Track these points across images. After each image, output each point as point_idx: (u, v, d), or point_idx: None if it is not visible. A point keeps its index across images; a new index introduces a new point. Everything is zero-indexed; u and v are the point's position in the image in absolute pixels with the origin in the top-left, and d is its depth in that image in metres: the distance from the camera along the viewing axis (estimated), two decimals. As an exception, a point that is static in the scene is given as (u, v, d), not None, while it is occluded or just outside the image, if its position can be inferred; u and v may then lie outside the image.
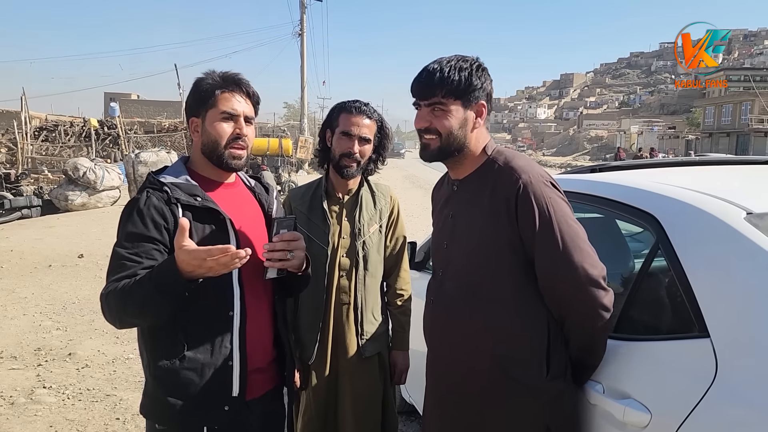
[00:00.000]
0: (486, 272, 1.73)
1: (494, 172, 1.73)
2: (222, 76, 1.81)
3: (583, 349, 1.71)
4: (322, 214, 2.44)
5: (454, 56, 1.77)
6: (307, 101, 34.54)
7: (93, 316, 6.30)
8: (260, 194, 1.98)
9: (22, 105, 23.45)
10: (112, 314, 1.67)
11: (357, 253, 2.44)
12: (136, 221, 1.69)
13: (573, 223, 1.65)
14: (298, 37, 32.66)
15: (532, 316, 1.69)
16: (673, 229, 1.70)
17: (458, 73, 1.71)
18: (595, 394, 1.69)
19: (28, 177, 17.82)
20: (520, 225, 1.65)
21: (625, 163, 2.60)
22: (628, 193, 1.95)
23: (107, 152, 26.32)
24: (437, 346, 1.90)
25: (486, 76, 1.77)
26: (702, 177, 2.33)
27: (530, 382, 1.67)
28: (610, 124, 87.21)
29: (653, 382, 1.56)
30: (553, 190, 1.68)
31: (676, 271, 1.62)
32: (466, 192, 1.81)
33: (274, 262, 1.73)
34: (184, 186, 1.76)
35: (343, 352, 2.45)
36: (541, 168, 1.74)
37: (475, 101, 1.74)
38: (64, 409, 4.19)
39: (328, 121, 2.49)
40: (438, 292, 1.89)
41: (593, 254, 1.64)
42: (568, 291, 1.63)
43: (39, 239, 10.87)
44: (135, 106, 45.90)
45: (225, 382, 1.74)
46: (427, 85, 1.75)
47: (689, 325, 1.54)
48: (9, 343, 5.61)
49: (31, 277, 8.15)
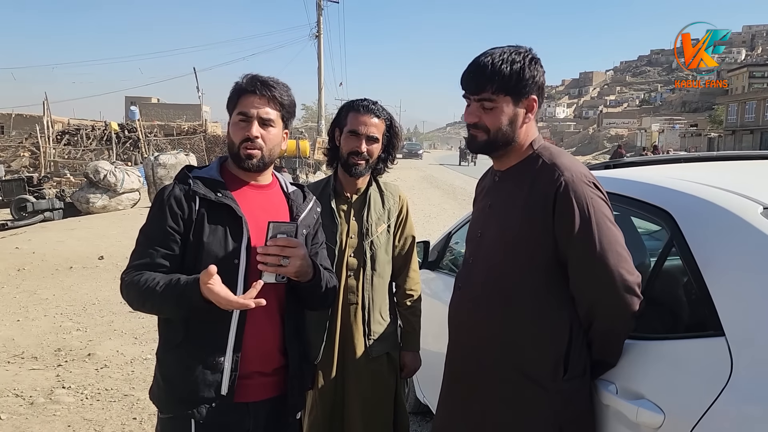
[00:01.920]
0: (513, 267, 1.70)
1: (537, 167, 1.70)
2: (248, 78, 1.86)
3: (604, 352, 1.68)
4: (330, 213, 2.42)
5: (507, 48, 1.71)
6: (324, 103, 34.71)
7: (112, 317, 6.37)
8: (294, 201, 1.98)
9: (45, 110, 23.82)
10: (131, 302, 1.78)
11: (365, 253, 2.43)
12: (159, 209, 1.80)
13: (612, 225, 1.61)
14: (315, 39, 32.79)
15: (554, 316, 1.66)
16: (687, 225, 1.66)
17: (510, 66, 1.66)
18: (608, 394, 1.66)
19: (51, 180, 18.11)
20: (557, 223, 1.61)
21: (640, 159, 2.55)
22: (642, 189, 1.91)
23: (128, 155, 26.69)
24: (458, 332, 1.89)
25: (538, 68, 1.71)
26: (717, 172, 2.27)
27: (545, 381, 1.64)
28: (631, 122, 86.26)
29: (667, 382, 1.53)
30: (594, 190, 1.63)
31: (691, 268, 1.58)
32: (506, 184, 1.79)
33: (267, 267, 1.73)
34: (207, 181, 1.83)
35: (351, 352, 2.44)
36: (584, 167, 1.70)
37: (525, 96, 1.70)
38: (83, 409, 4.23)
39: (337, 120, 2.48)
40: (466, 280, 1.88)
41: (630, 260, 1.59)
42: (600, 295, 1.60)
43: (60, 241, 11.02)
44: (155, 109, 46.44)
45: (215, 379, 1.76)
46: (477, 78, 1.71)
47: (704, 324, 1.51)
48: (30, 343, 5.69)
49: (53, 279, 8.27)
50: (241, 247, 1.78)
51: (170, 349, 1.81)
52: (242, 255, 1.78)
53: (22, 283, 8.08)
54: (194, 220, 1.78)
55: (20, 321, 6.41)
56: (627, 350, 1.68)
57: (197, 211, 1.78)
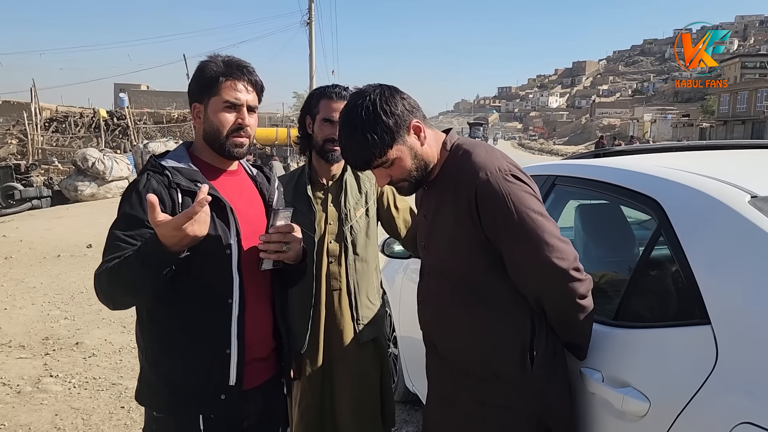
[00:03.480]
0: (461, 272, 1.71)
1: (455, 168, 1.69)
2: (226, 62, 1.78)
3: (568, 333, 1.68)
4: (307, 201, 2.42)
5: (355, 110, 1.63)
6: (316, 91, 34.43)
7: (101, 306, 6.22)
8: (261, 183, 1.96)
9: (32, 96, 23.55)
10: (105, 294, 1.64)
11: (345, 238, 2.43)
12: (134, 203, 1.67)
13: (537, 216, 1.58)
14: (307, 26, 32.48)
15: (511, 312, 1.66)
16: (675, 214, 1.65)
17: (373, 126, 1.60)
18: (594, 382, 1.66)
19: (39, 168, 17.93)
20: (483, 223, 1.61)
21: (630, 148, 2.54)
22: (630, 178, 1.90)
23: (117, 143, 26.46)
24: (429, 346, 1.89)
25: (393, 101, 1.64)
26: (706, 161, 2.27)
27: (513, 377, 1.65)
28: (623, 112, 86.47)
29: (652, 370, 1.52)
30: (514, 183, 1.60)
31: (678, 256, 1.57)
32: (433, 192, 1.78)
33: (270, 254, 1.72)
34: (185, 171, 1.74)
35: (338, 339, 2.43)
36: (502, 160, 1.66)
37: (405, 129, 1.65)
38: (70, 398, 4.21)
39: (307, 107, 2.45)
40: (424, 293, 1.89)
41: (563, 246, 1.57)
42: (539, 286, 1.61)
43: (48, 229, 10.95)
44: (144, 96, 46.04)
45: (222, 371, 1.72)
46: (360, 157, 1.66)
47: (690, 312, 1.50)
48: (18, 332, 5.65)
49: (40, 267, 8.22)
50: (231, 236, 1.75)
51: (169, 353, 1.72)
52: (233, 244, 1.75)
53: (9, 271, 8.03)
54: (178, 213, 1.68)
55: (7, 309, 6.36)
56: (613, 338, 1.68)
57: (180, 204, 1.69)
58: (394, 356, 3.95)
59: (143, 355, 1.78)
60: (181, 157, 1.79)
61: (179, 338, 1.71)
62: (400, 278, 3.72)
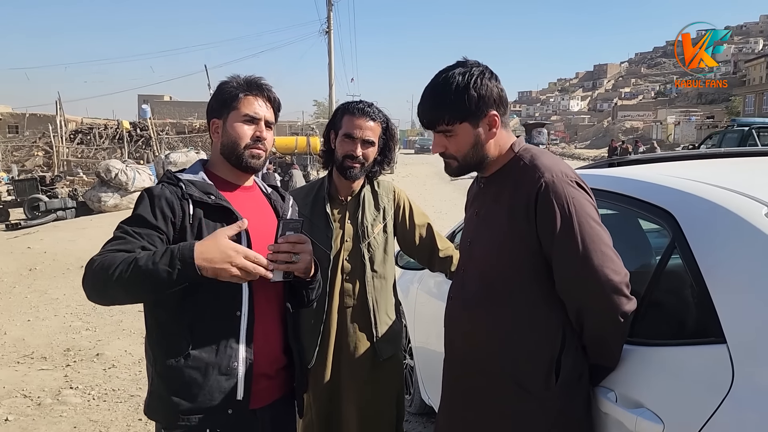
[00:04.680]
0: (503, 273, 1.67)
1: (519, 170, 1.67)
2: (246, 80, 1.84)
3: (600, 355, 1.64)
4: (325, 217, 2.40)
5: (451, 72, 1.67)
6: (336, 99, 34.61)
7: (121, 317, 6.39)
8: (275, 201, 1.99)
9: (58, 109, 24.02)
10: (97, 282, 1.58)
11: (363, 256, 2.41)
12: (146, 207, 1.70)
13: (596, 225, 1.56)
14: (326, 35, 32.70)
15: (544, 322, 1.62)
16: (689, 227, 1.60)
17: (457, 94, 1.64)
18: (607, 402, 1.61)
19: (64, 179, 18.25)
20: (539, 225, 1.58)
21: (646, 157, 2.49)
22: (643, 188, 1.85)
23: (140, 153, 26.84)
24: (453, 341, 1.86)
25: (489, 83, 1.66)
26: (723, 170, 2.20)
27: (536, 390, 1.60)
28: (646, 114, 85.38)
29: (667, 391, 1.47)
30: (577, 190, 1.59)
31: (692, 271, 1.53)
32: (491, 189, 1.76)
33: (278, 264, 1.70)
34: (199, 184, 1.77)
35: (349, 356, 2.41)
36: (567, 167, 1.66)
37: (483, 115, 1.67)
38: (89, 410, 4.24)
39: (332, 122, 2.45)
40: (458, 290, 1.85)
41: (617, 259, 1.54)
42: (586, 297, 1.55)
43: (72, 241, 11.11)
44: (167, 107, 46.66)
45: (229, 385, 1.71)
46: (428, 114, 1.70)
47: (705, 330, 1.45)
48: (40, 343, 5.73)
49: (63, 279, 8.33)
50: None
51: (177, 361, 1.70)
52: None
53: (33, 282, 8.16)
54: (188, 224, 1.72)
55: (31, 321, 6.46)
56: (627, 356, 1.63)
57: (191, 215, 1.72)
58: (410, 368, 3.91)
59: (153, 367, 1.77)
60: (197, 172, 1.84)
61: (186, 348, 1.70)
62: (414, 289, 3.69)
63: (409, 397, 4.01)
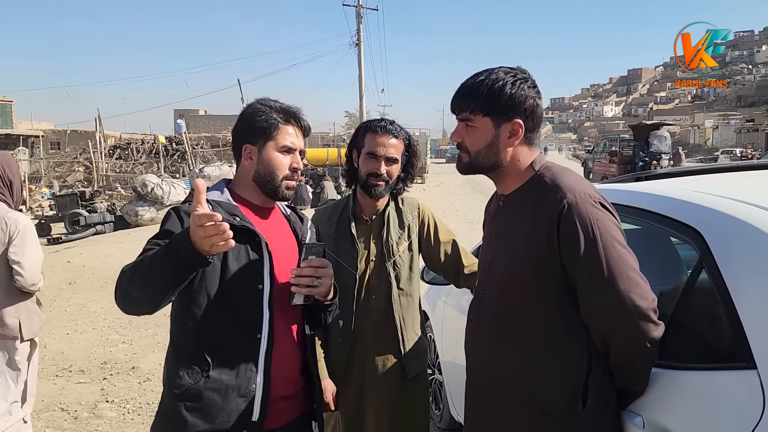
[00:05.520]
0: (524, 295, 1.63)
1: (539, 189, 1.62)
2: (283, 109, 1.87)
3: (627, 379, 1.59)
4: (350, 238, 2.40)
5: (497, 69, 1.66)
6: (366, 109, 34.81)
7: (156, 330, 6.51)
8: (295, 223, 2.01)
9: (97, 125, 24.70)
10: (120, 286, 1.64)
11: (388, 274, 2.39)
12: (174, 222, 1.74)
13: (622, 248, 1.51)
14: (356, 46, 32.98)
15: (570, 346, 1.57)
16: (717, 245, 1.55)
17: (490, 87, 1.62)
18: (634, 427, 1.56)
19: (102, 194, 18.72)
20: (562, 248, 1.53)
21: (675, 170, 2.43)
22: (669, 205, 1.80)
23: (176, 167, 27.40)
24: (473, 365, 1.83)
25: (526, 89, 1.63)
26: (755, 185, 2.13)
27: (561, 416, 1.55)
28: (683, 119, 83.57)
29: (696, 418, 1.42)
30: (602, 211, 1.54)
31: (721, 292, 1.47)
32: (510, 209, 1.72)
33: (300, 288, 1.72)
34: (224, 205, 1.80)
35: (376, 374, 2.39)
36: (590, 186, 1.61)
37: (507, 118, 1.63)
38: (123, 424, 4.32)
39: (354, 141, 2.45)
40: (477, 311, 1.81)
41: (644, 284, 1.49)
42: (612, 323, 1.50)
43: (110, 254, 11.35)
44: (202, 121, 47.58)
45: (246, 406, 1.72)
46: (458, 98, 1.69)
47: (734, 355, 1.40)
48: (78, 356, 5.86)
49: (102, 292, 8.51)
50: (264, 271, 1.77)
51: (196, 381, 1.71)
52: (266, 280, 1.77)
53: (72, 296, 8.36)
54: None
55: (69, 334, 6.61)
56: (655, 380, 1.58)
57: None
58: (439, 383, 3.88)
59: (167, 386, 1.77)
60: (222, 193, 1.86)
61: (207, 370, 1.71)
62: (442, 303, 3.66)
63: (438, 412, 3.98)
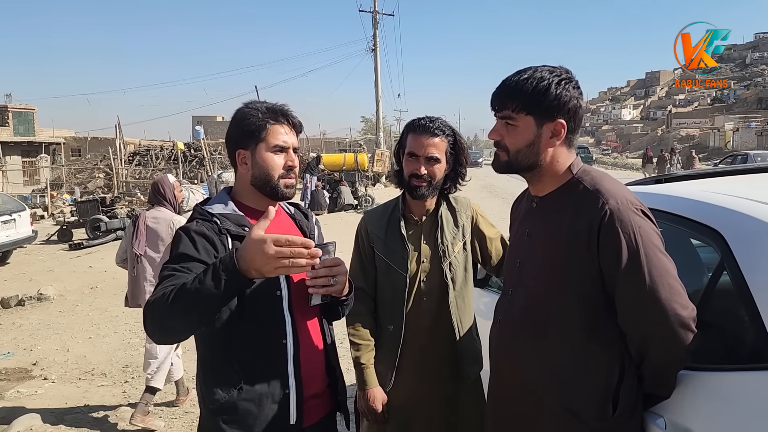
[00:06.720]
0: (557, 300, 1.61)
1: (578, 193, 1.60)
2: (269, 108, 1.82)
3: (658, 385, 1.58)
4: (400, 239, 2.34)
5: (540, 67, 1.64)
6: (383, 115, 34.95)
7: (176, 334, 6.56)
8: (300, 221, 2.00)
9: (117, 132, 25.00)
10: (155, 318, 1.55)
11: (444, 276, 2.31)
12: (187, 244, 1.69)
13: (663, 256, 1.49)
14: (372, 52, 33.08)
15: (603, 351, 1.56)
16: (738, 246, 1.55)
17: (534, 86, 1.59)
18: (656, 428, 1.56)
19: (122, 200, 18.93)
20: (602, 255, 1.51)
21: (695, 172, 2.42)
22: (690, 206, 1.80)
23: (194, 173, 27.64)
24: (498, 365, 1.83)
25: (570, 90, 1.60)
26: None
27: (590, 419, 1.54)
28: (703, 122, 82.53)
29: (718, 419, 1.43)
30: (643, 219, 1.52)
31: (743, 293, 1.48)
32: (545, 211, 1.70)
33: (318, 288, 1.74)
34: (232, 216, 1.79)
35: (430, 378, 2.33)
36: (630, 193, 1.59)
37: (550, 118, 1.60)
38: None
39: (400, 141, 2.40)
40: (506, 313, 1.80)
41: (683, 293, 1.48)
42: (652, 331, 1.49)
43: (131, 259, 11.48)
44: (220, 127, 47.87)
45: (283, 411, 1.75)
46: (500, 95, 1.66)
47: (758, 355, 1.40)
48: (101, 360, 5.94)
49: (122, 297, 8.57)
50: (280, 277, 1.78)
51: (229, 394, 1.72)
52: (283, 286, 1.79)
53: (94, 300, 8.48)
54: None
55: (92, 338, 6.71)
56: (678, 381, 1.57)
57: (230, 249, 1.71)
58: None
59: (203, 403, 1.78)
60: (226, 203, 1.83)
61: (238, 382, 1.73)
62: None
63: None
